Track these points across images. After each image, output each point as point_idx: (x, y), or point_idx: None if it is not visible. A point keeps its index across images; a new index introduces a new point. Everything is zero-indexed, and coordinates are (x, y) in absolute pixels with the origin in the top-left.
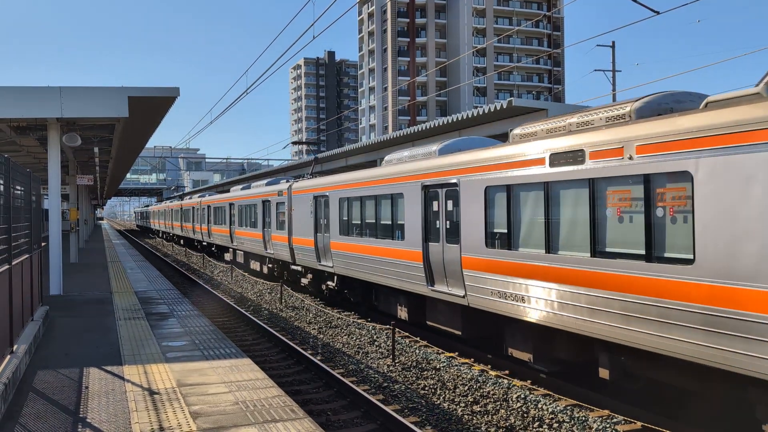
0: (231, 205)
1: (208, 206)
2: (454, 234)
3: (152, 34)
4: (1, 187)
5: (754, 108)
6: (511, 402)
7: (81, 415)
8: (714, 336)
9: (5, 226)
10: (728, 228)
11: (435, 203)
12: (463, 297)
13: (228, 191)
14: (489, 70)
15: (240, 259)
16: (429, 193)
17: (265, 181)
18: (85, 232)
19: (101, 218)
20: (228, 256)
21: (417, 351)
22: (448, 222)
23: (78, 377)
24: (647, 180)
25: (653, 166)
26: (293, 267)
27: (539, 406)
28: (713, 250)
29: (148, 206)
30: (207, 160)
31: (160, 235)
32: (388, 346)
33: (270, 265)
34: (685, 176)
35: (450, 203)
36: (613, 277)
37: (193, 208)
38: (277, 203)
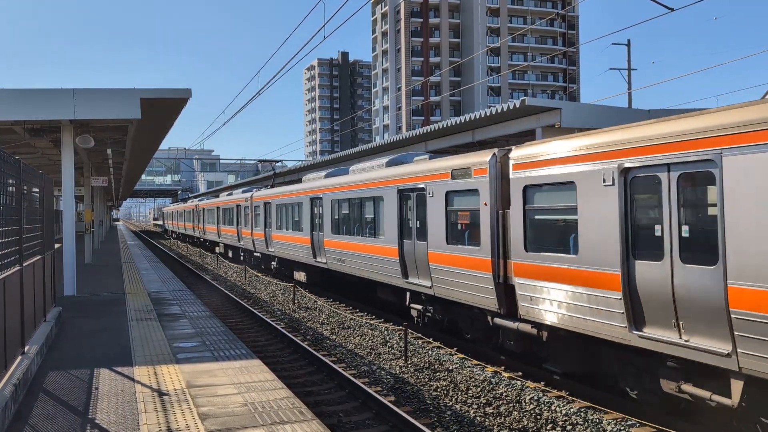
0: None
1: (311, 198)
2: None
3: (165, 34)
4: (13, 189)
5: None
6: (524, 404)
7: (90, 416)
8: None
9: (16, 228)
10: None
11: None
12: None
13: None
14: (503, 70)
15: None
16: None
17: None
18: (100, 234)
19: (117, 219)
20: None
21: (430, 352)
22: None
23: (88, 378)
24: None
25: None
26: None
27: (553, 408)
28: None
29: (175, 203)
30: (221, 161)
31: (219, 249)
32: (400, 347)
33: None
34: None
35: None
36: None
37: (285, 205)
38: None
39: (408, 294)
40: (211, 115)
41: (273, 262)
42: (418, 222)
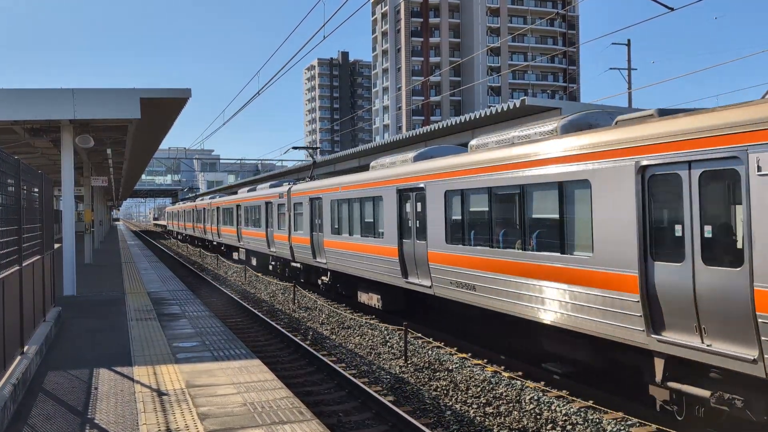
0: None
1: (401, 189)
2: None
3: (164, 34)
4: (12, 189)
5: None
6: (524, 404)
7: (89, 416)
8: None
9: (15, 228)
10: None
11: None
12: None
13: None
14: (503, 69)
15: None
16: None
17: None
18: (100, 234)
19: (117, 219)
20: None
21: (429, 352)
22: None
23: (88, 378)
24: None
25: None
26: None
27: (552, 407)
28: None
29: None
30: (221, 161)
31: (238, 256)
32: (400, 347)
33: None
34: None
35: None
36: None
37: (347, 201)
38: None
39: (661, 363)
40: (211, 115)
41: (323, 278)
42: (742, 231)
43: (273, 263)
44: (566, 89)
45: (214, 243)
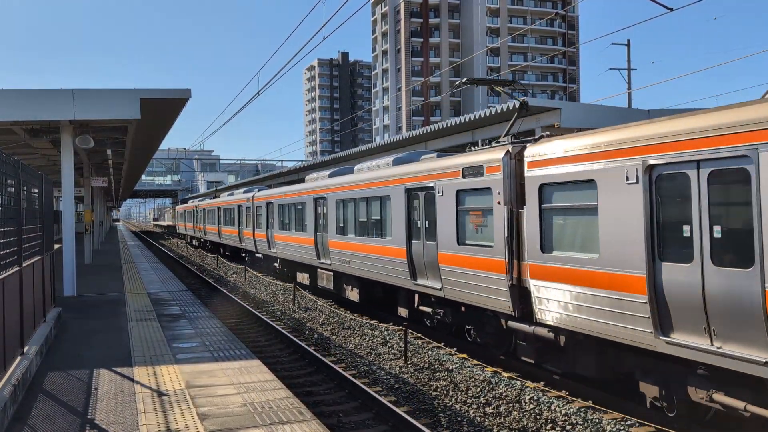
0: None
1: None
2: None
3: (163, 36)
4: (12, 189)
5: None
6: (523, 404)
7: (89, 417)
8: None
9: (15, 228)
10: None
11: None
12: None
13: None
14: (503, 70)
15: None
16: None
17: None
18: (100, 234)
19: (117, 220)
20: None
21: (429, 352)
22: None
23: (88, 378)
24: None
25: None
26: None
27: (552, 407)
28: None
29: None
30: (221, 161)
31: (313, 281)
32: (400, 347)
33: None
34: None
35: None
36: None
37: None
38: None
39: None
40: (211, 116)
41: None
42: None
43: (434, 314)
44: (566, 89)
45: (258, 255)
